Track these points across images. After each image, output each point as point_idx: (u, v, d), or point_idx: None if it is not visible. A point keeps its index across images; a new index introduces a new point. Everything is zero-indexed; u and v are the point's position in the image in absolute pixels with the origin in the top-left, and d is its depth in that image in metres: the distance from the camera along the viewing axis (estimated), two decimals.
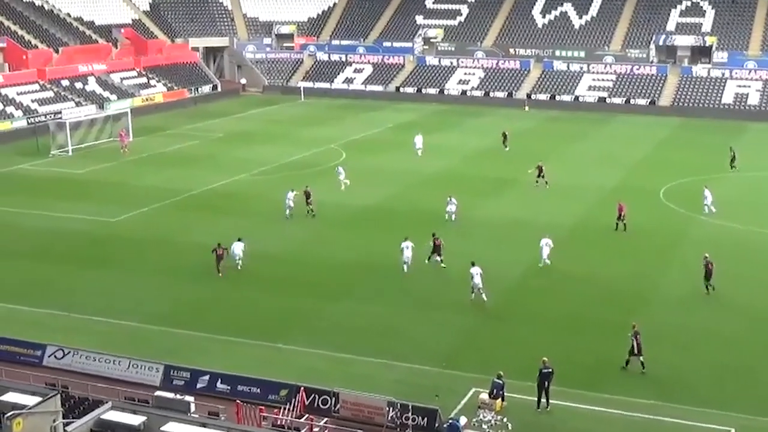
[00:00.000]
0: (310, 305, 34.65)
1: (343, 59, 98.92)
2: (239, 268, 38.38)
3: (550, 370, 26.57)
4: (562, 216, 46.88)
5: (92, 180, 55.98)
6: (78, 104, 78.46)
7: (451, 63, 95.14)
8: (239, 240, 39.22)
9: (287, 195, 46.72)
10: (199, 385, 27.68)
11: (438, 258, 38.96)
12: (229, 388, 27.44)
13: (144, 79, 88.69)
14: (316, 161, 59.68)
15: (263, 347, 30.84)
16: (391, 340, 31.44)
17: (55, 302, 34.83)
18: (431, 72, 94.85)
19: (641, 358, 28.81)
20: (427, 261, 38.97)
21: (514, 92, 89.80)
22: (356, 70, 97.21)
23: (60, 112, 74.83)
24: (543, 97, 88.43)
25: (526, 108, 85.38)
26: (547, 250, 38.82)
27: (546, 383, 26.53)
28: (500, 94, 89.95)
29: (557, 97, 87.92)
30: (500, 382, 26.32)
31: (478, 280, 34.69)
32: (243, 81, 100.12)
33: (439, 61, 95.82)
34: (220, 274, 37.74)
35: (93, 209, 48.24)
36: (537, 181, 52.98)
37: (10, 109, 73.92)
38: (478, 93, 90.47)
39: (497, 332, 32.30)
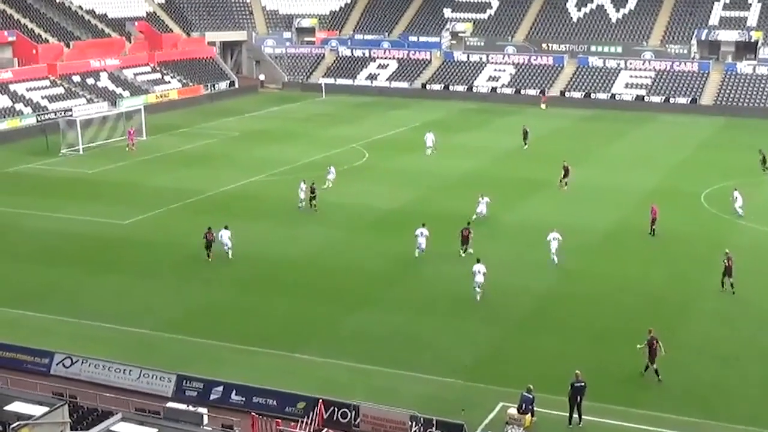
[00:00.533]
0: (329, 313, 34.66)
1: (367, 54, 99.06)
2: (230, 256, 40.46)
3: (583, 383, 26.38)
4: (597, 220, 46.64)
5: (103, 180, 56.39)
6: (89, 101, 79.14)
7: (481, 59, 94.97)
8: (226, 228, 41.12)
9: (300, 186, 48.98)
10: (212, 397, 27.74)
11: (470, 250, 40.48)
12: (244, 399, 27.49)
13: (158, 75, 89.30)
14: (337, 162, 59.67)
15: (280, 357, 30.87)
16: (414, 350, 31.37)
17: (63, 308, 35.06)
18: (459, 68, 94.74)
19: (654, 366, 28.89)
20: (462, 254, 40.53)
21: (546, 90, 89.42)
22: (380, 66, 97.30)
23: (71, 110, 75.53)
24: (577, 95, 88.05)
25: (543, 105, 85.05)
26: (555, 244, 39.62)
27: (578, 398, 26.33)
28: (532, 92, 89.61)
29: (593, 95, 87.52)
30: (530, 396, 26.15)
31: (480, 278, 35.61)
32: (261, 77, 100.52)
33: (468, 57, 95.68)
34: (210, 259, 40.09)
35: (103, 211, 48.59)
36: (564, 183, 52.97)
37: (19, 106, 74.67)
38: (508, 90, 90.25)
39: (527, 343, 32.14)
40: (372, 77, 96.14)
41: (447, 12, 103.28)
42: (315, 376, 29.44)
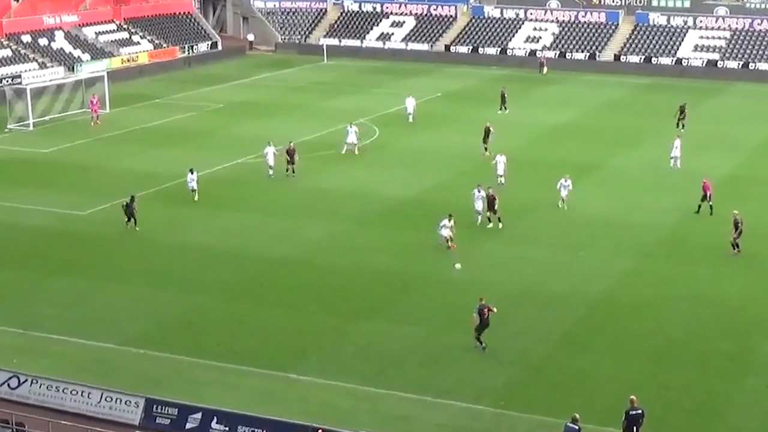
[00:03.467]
0: (331, 324, 34.69)
1: (378, 10, 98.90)
2: (195, 198, 47.51)
3: (640, 411, 26.32)
4: (659, 213, 46.46)
5: (58, 162, 56.56)
6: (42, 66, 79.29)
7: (517, 15, 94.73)
8: (191, 171, 47.75)
9: (265, 150, 51.89)
10: (189, 425, 27.80)
11: (495, 215, 43.70)
12: (227, 429, 27.51)
13: (125, 35, 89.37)
14: (342, 140, 59.66)
15: (271, 377, 30.89)
16: (433, 370, 31.36)
17: (9, 316, 35.15)
18: (491, 26, 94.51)
19: (480, 336, 32.09)
20: (489, 225, 43.78)
21: (597, 53, 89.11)
22: (395, 24, 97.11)
23: (20, 76, 75.67)
24: (635, 59, 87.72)
25: (544, 70, 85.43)
26: (502, 167, 49.47)
27: (635, 428, 26.29)
28: (579, 56, 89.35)
29: (654, 60, 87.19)
30: (575, 426, 26.08)
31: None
32: (250, 37, 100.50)
33: (501, 13, 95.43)
34: (137, 228, 43.50)
35: (59, 199, 48.72)
36: (486, 149, 55.96)
37: None
38: (550, 54, 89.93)
39: (572, 362, 32.07)
40: (384, 37, 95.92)
41: None
42: (313, 400, 29.44)
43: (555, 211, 46.78)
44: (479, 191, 44.07)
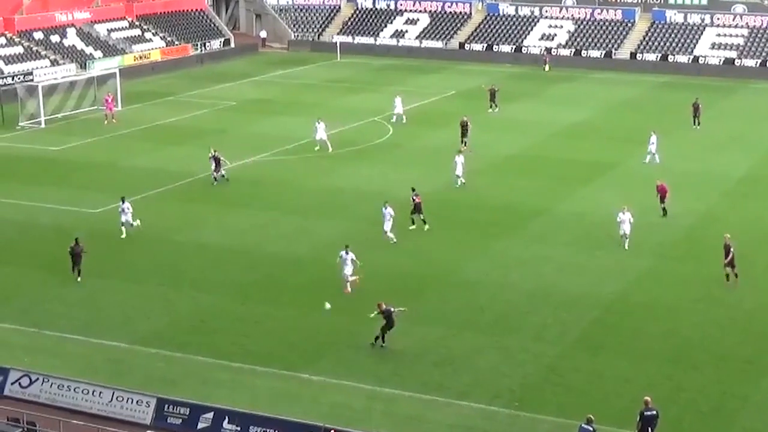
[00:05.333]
0: (345, 324, 34.72)
1: (392, 7, 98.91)
2: (123, 235, 42.72)
3: (655, 412, 26.29)
4: (676, 213, 46.29)
5: (70, 160, 56.73)
6: (54, 63, 79.52)
7: (532, 12, 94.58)
8: (123, 200, 43.19)
9: (210, 153, 51.22)
10: (200, 425, 27.86)
11: (420, 217, 43.10)
12: (238, 429, 27.57)
13: (137, 32, 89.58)
14: (356, 138, 59.72)
15: (283, 377, 30.95)
16: (448, 371, 31.38)
17: (21, 315, 35.31)
18: (506, 24, 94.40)
19: (384, 334, 32.35)
20: (411, 226, 42.94)
21: (613, 51, 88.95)
22: (409, 21, 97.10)
23: (31, 73, 75.94)
24: (651, 57, 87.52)
25: (546, 67, 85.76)
26: (460, 168, 49.07)
27: (649, 429, 26.26)
28: (595, 54, 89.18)
29: (670, 58, 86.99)
30: (590, 428, 26.06)
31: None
32: (263, 34, 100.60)
33: (516, 10, 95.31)
34: (79, 279, 38.21)
35: (70, 197, 48.88)
36: (464, 143, 56.26)
37: None
38: (566, 52, 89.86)
39: (587, 363, 32.05)
40: (398, 35, 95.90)
41: None
42: (325, 400, 29.50)
43: (569, 211, 46.71)
44: (386, 208, 41.98)
